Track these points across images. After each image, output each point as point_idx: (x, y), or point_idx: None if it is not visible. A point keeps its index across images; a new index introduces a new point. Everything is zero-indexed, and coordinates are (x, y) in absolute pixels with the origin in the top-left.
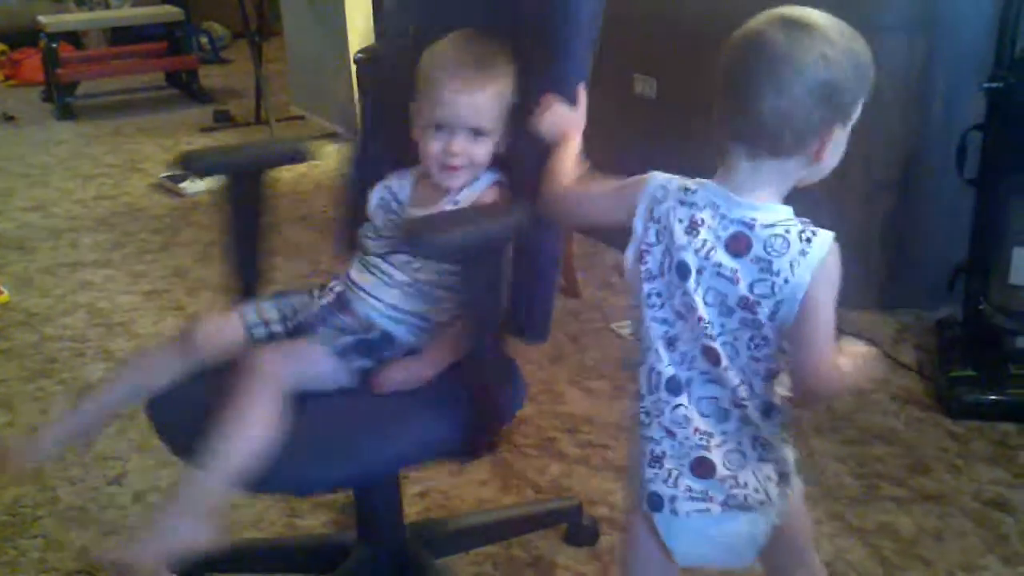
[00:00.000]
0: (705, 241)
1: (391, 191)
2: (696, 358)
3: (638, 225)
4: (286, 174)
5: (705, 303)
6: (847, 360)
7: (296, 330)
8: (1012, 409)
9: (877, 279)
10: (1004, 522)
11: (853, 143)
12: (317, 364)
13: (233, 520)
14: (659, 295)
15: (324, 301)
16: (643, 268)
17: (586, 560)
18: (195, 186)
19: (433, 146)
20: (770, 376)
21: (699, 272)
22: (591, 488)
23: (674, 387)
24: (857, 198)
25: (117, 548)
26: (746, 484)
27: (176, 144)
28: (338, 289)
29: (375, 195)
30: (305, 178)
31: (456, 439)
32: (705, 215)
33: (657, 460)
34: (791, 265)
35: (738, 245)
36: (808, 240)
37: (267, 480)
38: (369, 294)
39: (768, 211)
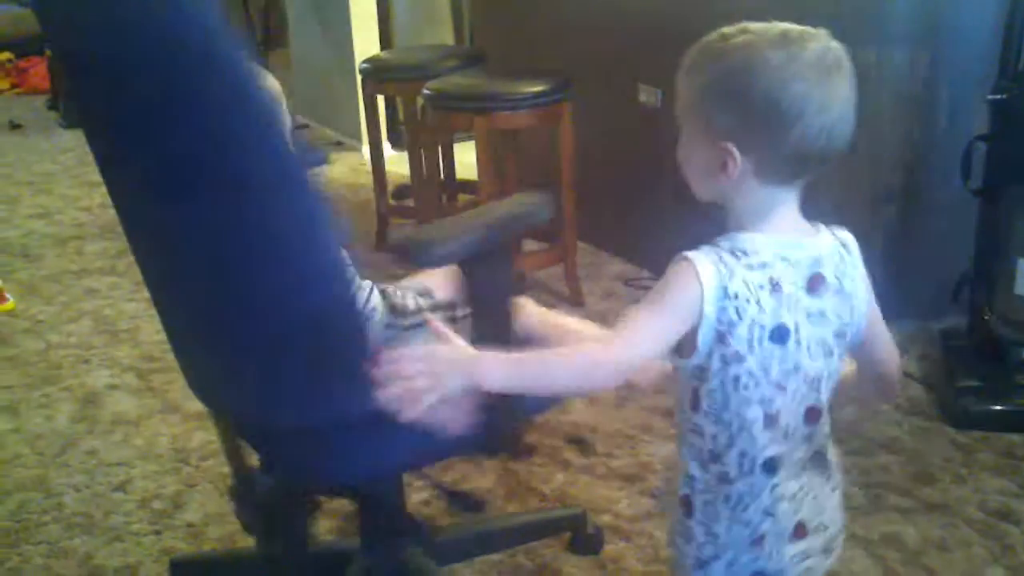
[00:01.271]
0: (791, 295)
1: None
2: (798, 427)
3: (710, 311)
4: None
5: (811, 357)
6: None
7: None
8: (1017, 419)
9: (881, 289)
10: (1009, 532)
11: (858, 153)
12: None
13: (236, 527)
14: (751, 375)
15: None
16: (727, 352)
17: (590, 569)
18: None
19: None
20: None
21: (797, 330)
22: (596, 497)
23: (771, 467)
24: (862, 208)
25: None
26: (833, 521)
27: None
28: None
29: None
30: None
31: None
32: (779, 269)
33: (758, 542)
34: (851, 277)
35: (817, 283)
36: (844, 245)
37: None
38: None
39: (817, 235)
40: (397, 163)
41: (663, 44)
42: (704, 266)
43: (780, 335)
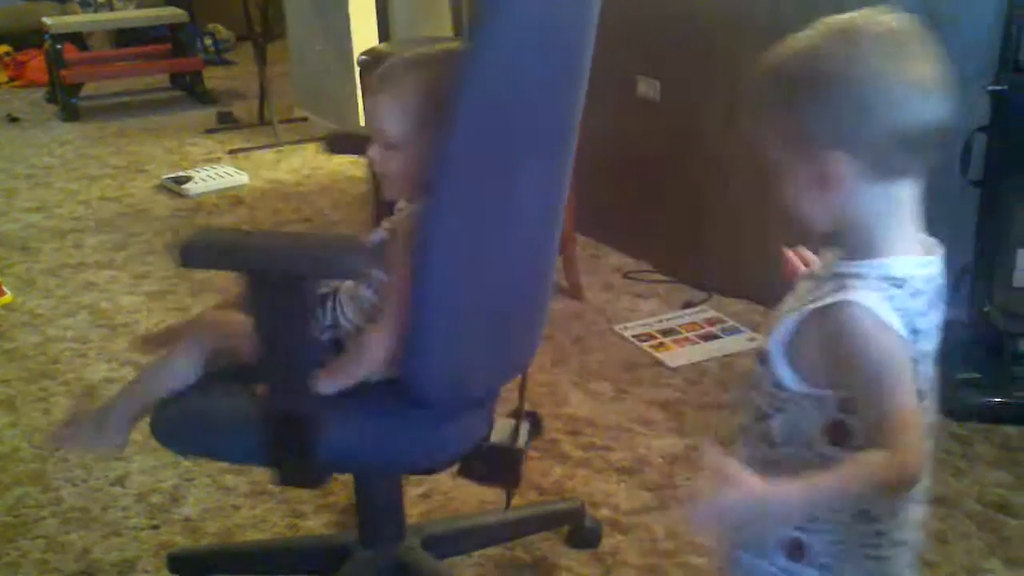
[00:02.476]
0: (934, 320)
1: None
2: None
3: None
4: (290, 176)
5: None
6: None
7: None
8: (1016, 412)
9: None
10: (1008, 525)
11: None
12: (245, 343)
13: (235, 521)
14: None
15: (320, 291)
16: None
17: (588, 562)
18: (198, 187)
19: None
20: None
21: (925, 354)
22: (594, 490)
23: (916, 495)
24: None
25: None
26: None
27: (180, 145)
28: (334, 284)
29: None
30: (309, 179)
31: (261, 458)
32: (927, 292)
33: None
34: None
35: (937, 299)
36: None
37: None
38: (340, 296)
39: (931, 243)
40: None
41: (662, 36)
42: (884, 310)
43: (924, 359)
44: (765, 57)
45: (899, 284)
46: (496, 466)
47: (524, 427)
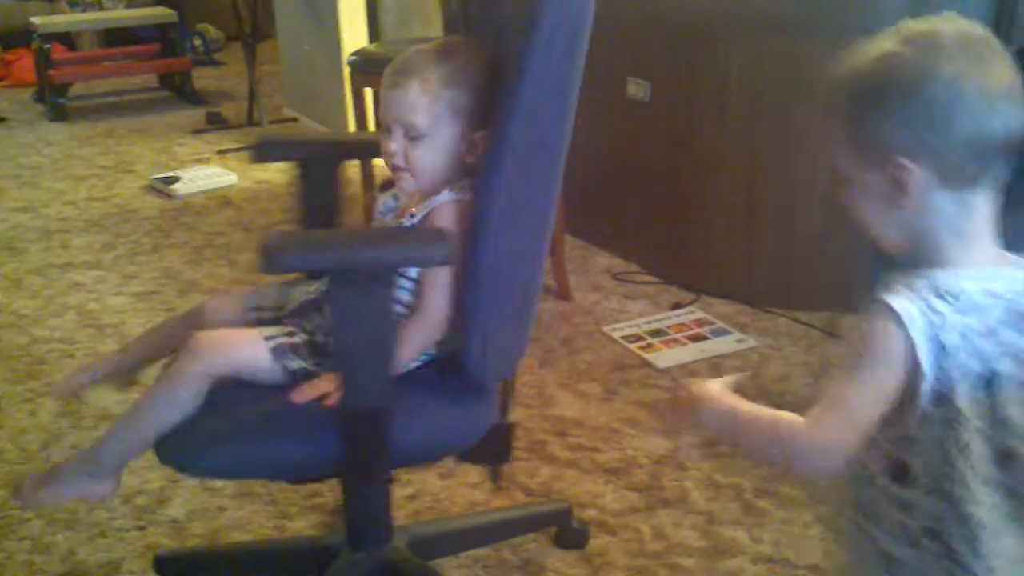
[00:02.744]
0: (1000, 335)
1: (396, 198)
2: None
3: (928, 370)
4: (282, 177)
5: (1018, 405)
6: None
7: (279, 320)
8: None
9: (868, 282)
10: None
11: None
12: (253, 358)
13: (221, 523)
14: (976, 433)
15: (307, 297)
16: (949, 415)
17: (576, 563)
18: (186, 188)
19: (381, 147)
20: None
21: (1008, 377)
22: (581, 491)
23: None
24: None
25: (21, 490)
26: None
27: (168, 146)
28: (322, 288)
29: (382, 201)
30: None
31: (335, 460)
32: (992, 309)
33: None
34: None
35: (1020, 319)
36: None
37: (158, 451)
38: None
39: (1013, 265)
40: None
41: (653, 37)
42: (911, 314)
43: (993, 386)
44: (841, 62)
45: (949, 297)
46: (488, 442)
47: (511, 402)
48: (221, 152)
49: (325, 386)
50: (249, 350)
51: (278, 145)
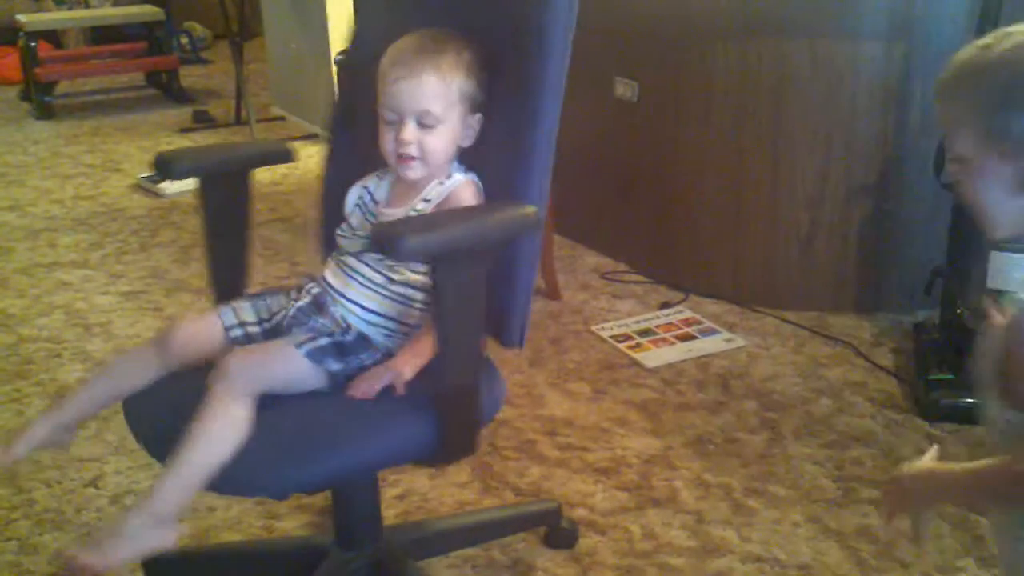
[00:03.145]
0: None
1: (368, 190)
2: None
3: None
4: (266, 175)
5: None
6: None
7: (272, 331)
8: None
9: (855, 282)
10: (980, 524)
11: (833, 146)
12: (289, 367)
13: (210, 523)
14: None
15: (300, 303)
16: None
17: (565, 563)
18: (174, 187)
19: (386, 139)
20: None
21: None
22: (570, 491)
23: None
24: (836, 202)
25: (82, 551)
26: None
27: (156, 144)
28: (315, 291)
29: (352, 194)
30: (286, 179)
31: (432, 443)
32: None
33: None
34: None
35: None
36: None
37: (241, 483)
38: (344, 296)
39: None
40: None
41: (640, 37)
42: None
43: None
44: (966, 53)
45: None
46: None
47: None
48: None
49: (389, 376)
50: (285, 361)
51: (178, 160)
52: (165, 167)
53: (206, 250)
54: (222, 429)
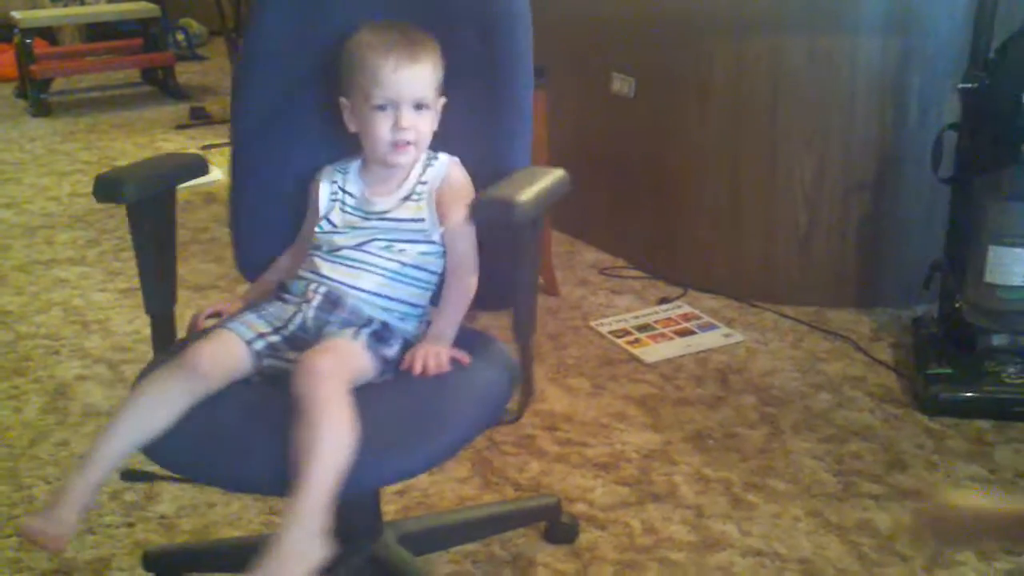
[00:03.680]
0: None
1: (338, 186)
2: None
3: None
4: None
5: None
6: None
7: (292, 338)
8: (987, 406)
9: (854, 277)
10: None
11: (831, 142)
12: (360, 359)
13: (210, 519)
14: None
15: (314, 303)
16: None
17: (565, 558)
18: None
19: (381, 127)
20: None
21: None
22: (570, 486)
23: None
24: (834, 197)
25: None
26: None
27: (152, 141)
28: (323, 290)
29: (323, 193)
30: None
31: (506, 399)
32: None
33: None
34: None
35: None
36: None
37: (355, 480)
38: (357, 288)
39: None
40: None
41: (637, 33)
42: None
43: None
44: None
45: None
46: None
47: None
48: (205, 147)
49: (445, 353)
50: (353, 354)
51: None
52: (111, 192)
53: (140, 266)
54: (340, 427)
